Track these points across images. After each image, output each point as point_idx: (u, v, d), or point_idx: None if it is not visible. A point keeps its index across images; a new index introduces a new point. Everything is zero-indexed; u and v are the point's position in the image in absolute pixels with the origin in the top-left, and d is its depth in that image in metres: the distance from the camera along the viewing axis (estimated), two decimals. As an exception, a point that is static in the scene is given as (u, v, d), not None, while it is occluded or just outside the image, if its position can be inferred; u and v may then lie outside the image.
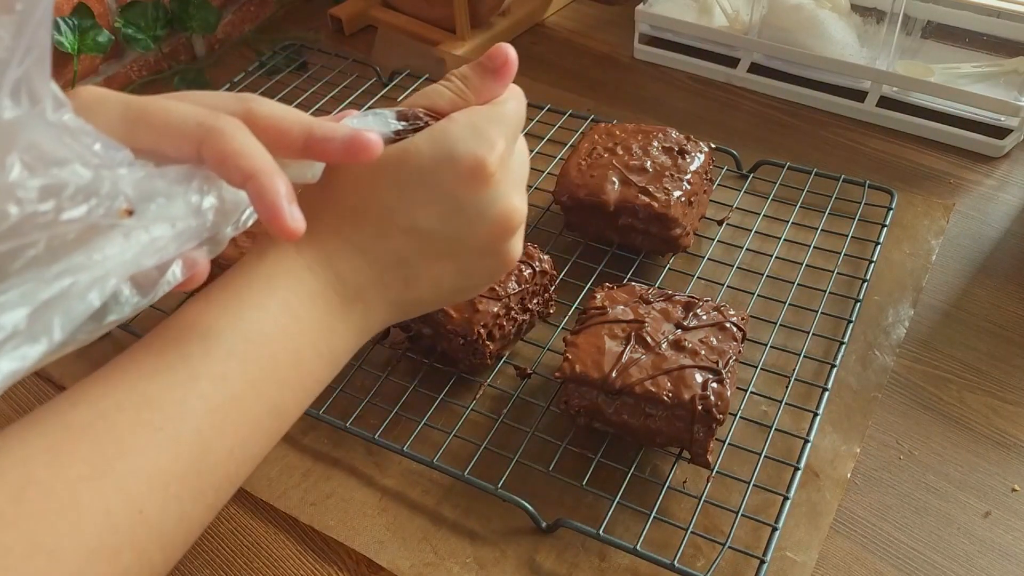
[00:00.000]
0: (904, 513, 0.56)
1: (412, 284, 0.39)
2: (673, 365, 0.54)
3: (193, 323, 0.35)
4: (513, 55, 0.39)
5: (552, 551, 0.54)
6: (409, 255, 0.38)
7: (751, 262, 0.71)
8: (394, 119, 0.38)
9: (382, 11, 1.06)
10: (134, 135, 0.34)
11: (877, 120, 0.88)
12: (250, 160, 0.33)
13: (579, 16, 1.08)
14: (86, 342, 0.31)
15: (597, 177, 0.68)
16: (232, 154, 0.33)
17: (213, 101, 0.36)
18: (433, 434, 0.60)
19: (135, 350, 0.34)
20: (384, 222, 0.38)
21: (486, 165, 0.37)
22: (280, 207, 0.33)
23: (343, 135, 0.35)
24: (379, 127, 0.38)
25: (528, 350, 0.66)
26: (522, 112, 0.41)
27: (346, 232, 0.38)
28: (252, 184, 0.33)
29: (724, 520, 0.55)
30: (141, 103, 0.35)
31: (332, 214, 0.38)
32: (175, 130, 0.34)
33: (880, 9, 0.87)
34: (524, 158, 0.41)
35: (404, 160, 0.37)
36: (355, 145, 0.35)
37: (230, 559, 0.56)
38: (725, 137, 0.85)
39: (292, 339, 0.36)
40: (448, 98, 0.39)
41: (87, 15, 0.90)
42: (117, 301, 0.32)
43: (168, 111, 0.34)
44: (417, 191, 0.37)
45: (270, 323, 0.36)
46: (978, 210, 0.78)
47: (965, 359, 0.66)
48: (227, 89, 0.93)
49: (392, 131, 0.38)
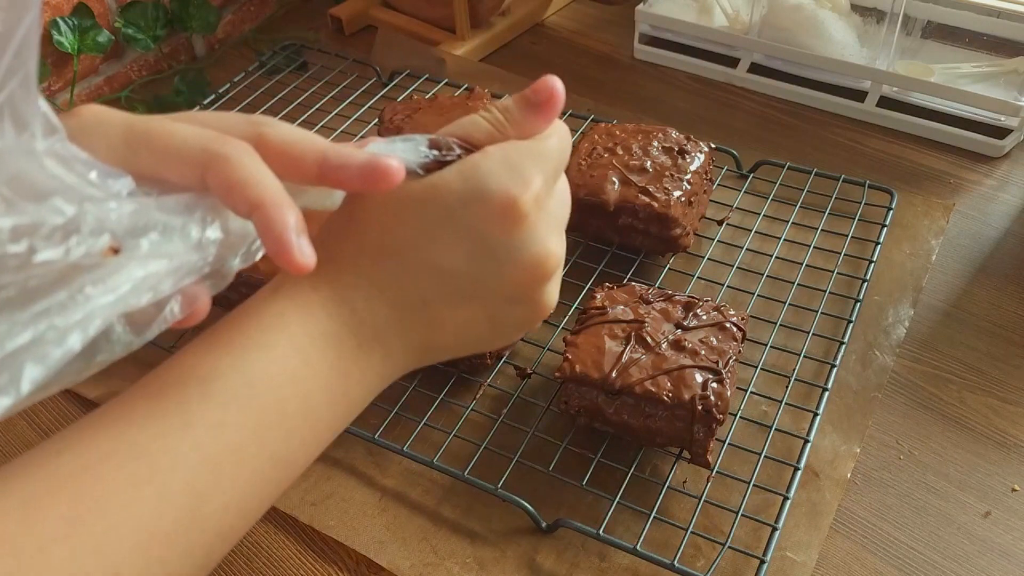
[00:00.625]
0: (904, 513, 0.56)
1: (436, 328, 0.36)
2: (673, 365, 0.54)
3: (193, 364, 0.32)
4: (560, 89, 0.37)
5: (552, 551, 0.54)
6: (433, 297, 0.35)
7: (751, 262, 0.71)
8: (425, 147, 0.35)
9: (382, 11, 1.06)
10: (136, 159, 0.32)
11: (877, 120, 0.88)
12: (256, 189, 0.31)
13: (579, 16, 1.08)
14: (75, 382, 0.29)
15: (597, 177, 0.68)
16: (238, 182, 0.31)
17: (223, 123, 0.34)
18: (433, 434, 0.60)
19: (130, 393, 0.32)
20: (407, 260, 0.35)
21: (519, 204, 0.34)
22: (287, 240, 0.31)
23: (359, 161, 0.33)
24: (408, 154, 0.35)
25: (528, 350, 0.66)
26: (566, 150, 0.37)
27: (366, 268, 0.35)
28: (259, 215, 0.31)
29: (724, 520, 0.55)
30: (145, 125, 0.33)
31: (352, 248, 0.35)
32: (178, 155, 0.32)
33: (880, 9, 0.87)
34: (565, 199, 0.38)
35: (432, 194, 0.34)
36: (373, 172, 0.32)
37: (230, 559, 0.56)
38: (725, 137, 0.85)
39: (301, 384, 0.33)
40: (485, 130, 0.36)
41: (87, 15, 0.90)
42: (108, 340, 0.30)
43: (172, 134, 0.32)
44: (445, 228, 0.34)
45: (277, 366, 0.33)
46: (978, 210, 0.78)
47: (965, 359, 0.66)
48: (227, 89, 0.93)
49: (422, 159, 0.35)
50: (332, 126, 0.87)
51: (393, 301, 0.35)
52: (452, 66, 0.95)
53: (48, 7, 0.88)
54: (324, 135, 0.88)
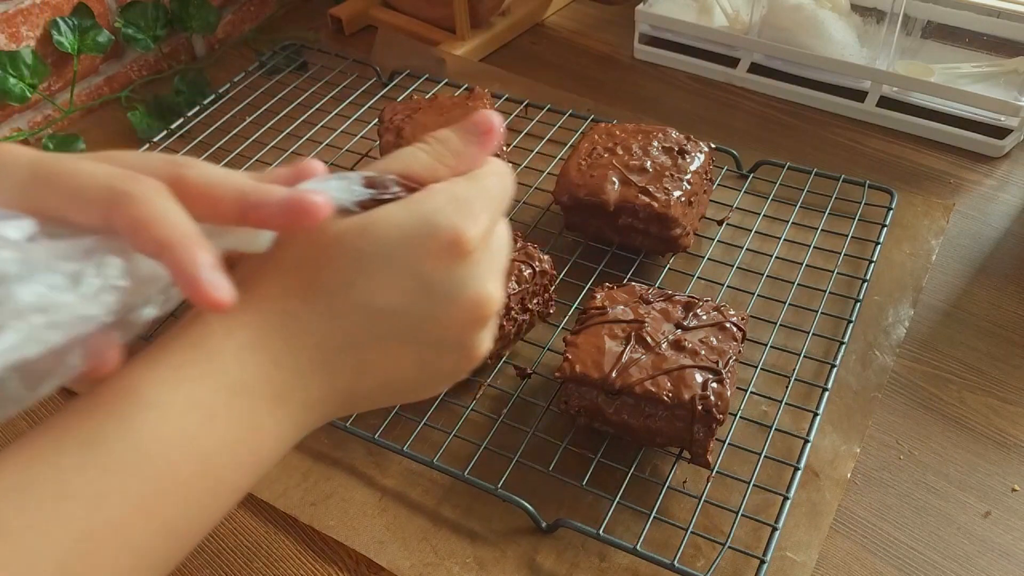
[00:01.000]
0: (904, 513, 0.57)
1: (362, 373, 0.34)
2: (673, 365, 0.54)
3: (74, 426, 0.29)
4: (499, 122, 0.35)
5: (552, 551, 0.54)
6: (363, 339, 0.33)
7: (751, 262, 0.71)
8: (360, 184, 0.33)
9: (382, 11, 1.06)
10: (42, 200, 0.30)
11: (877, 120, 0.88)
12: (164, 228, 0.29)
13: (579, 16, 1.08)
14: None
15: (597, 177, 0.68)
16: (144, 221, 0.29)
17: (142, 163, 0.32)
18: (433, 434, 0.60)
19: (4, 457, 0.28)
20: (338, 299, 0.33)
21: (466, 239, 0.32)
22: (198, 278, 0.29)
23: (279, 198, 0.31)
24: (341, 192, 0.33)
25: (528, 350, 0.66)
26: (506, 190, 0.36)
27: (292, 308, 0.32)
28: (168, 256, 0.29)
29: (724, 520, 0.55)
30: (50, 163, 0.30)
31: (275, 290, 0.33)
32: (82, 194, 0.29)
33: (880, 9, 0.87)
34: (504, 243, 0.36)
35: (369, 230, 0.33)
36: (295, 209, 0.30)
37: (230, 559, 0.56)
38: (725, 137, 0.85)
39: (201, 444, 0.30)
40: (424, 162, 0.35)
41: (87, 15, 0.90)
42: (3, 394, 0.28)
43: (76, 173, 0.30)
44: (381, 265, 0.33)
45: (171, 426, 0.29)
46: (978, 210, 0.78)
47: (965, 359, 0.66)
48: (227, 89, 0.93)
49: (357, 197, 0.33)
50: (332, 126, 0.87)
51: (319, 344, 0.33)
52: (452, 66, 0.95)
53: (48, 7, 0.88)
54: (324, 135, 0.89)
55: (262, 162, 0.82)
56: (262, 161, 0.83)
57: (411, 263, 0.33)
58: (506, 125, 0.85)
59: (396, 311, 0.33)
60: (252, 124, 0.88)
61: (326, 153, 0.84)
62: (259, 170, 0.35)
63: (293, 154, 0.84)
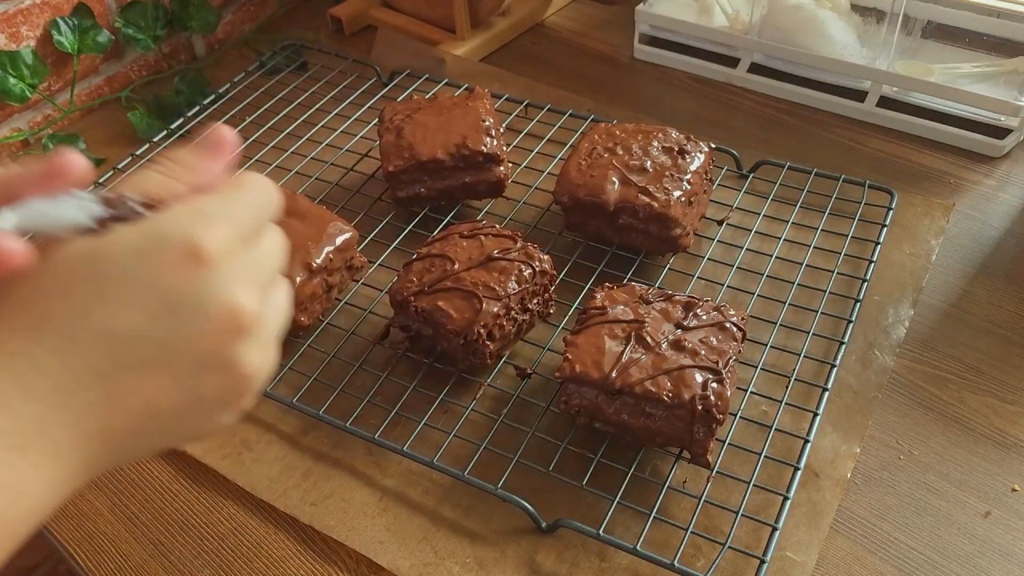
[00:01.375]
0: (904, 513, 0.57)
1: (117, 408, 0.31)
2: (673, 365, 0.54)
3: None
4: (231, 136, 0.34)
5: (552, 551, 0.54)
6: (110, 369, 0.30)
7: (751, 262, 0.71)
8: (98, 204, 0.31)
9: (382, 11, 1.06)
10: None
11: (877, 120, 0.88)
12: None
13: (579, 16, 1.08)
14: None
15: (597, 177, 0.68)
16: None
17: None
18: (433, 434, 0.60)
19: None
20: (74, 328, 0.30)
21: (201, 246, 0.31)
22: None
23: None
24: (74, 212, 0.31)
25: (528, 350, 0.66)
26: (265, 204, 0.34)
27: (22, 348, 0.30)
28: None
29: (724, 520, 0.55)
30: None
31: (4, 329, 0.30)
32: None
33: (880, 9, 0.87)
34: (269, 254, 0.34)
35: (103, 251, 0.31)
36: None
37: (230, 559, 0.56)
38: (725, 137, 0.85)
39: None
40: (156, 180, 0.33)
41: (87, 15, 0.90)
42: None
43: None
44: (118, 286, 0.30)
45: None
46: (978, 210, 0.78)
47: (965, 359, 0.66)
48: (227, 89, 0.93)
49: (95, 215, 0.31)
50: (332, 126, 0.87)
51: (56, 384, 0.30)
52: (452, 66, 0.95)
53: (48, 7, 0.88)
54: (324, 135, 0.89)
55: (262, 162, 0.82)
56: (262, 161, 0.83)
57: (149, 278, 0.31)
58: (506, 125, 0.85)
59: (141, 333, 0.31)
60: (252, 124, 0.88)
61: (326, 153, 0.84)
62: (259, 170, 0.34)
63: (293, 154, 0.84)
